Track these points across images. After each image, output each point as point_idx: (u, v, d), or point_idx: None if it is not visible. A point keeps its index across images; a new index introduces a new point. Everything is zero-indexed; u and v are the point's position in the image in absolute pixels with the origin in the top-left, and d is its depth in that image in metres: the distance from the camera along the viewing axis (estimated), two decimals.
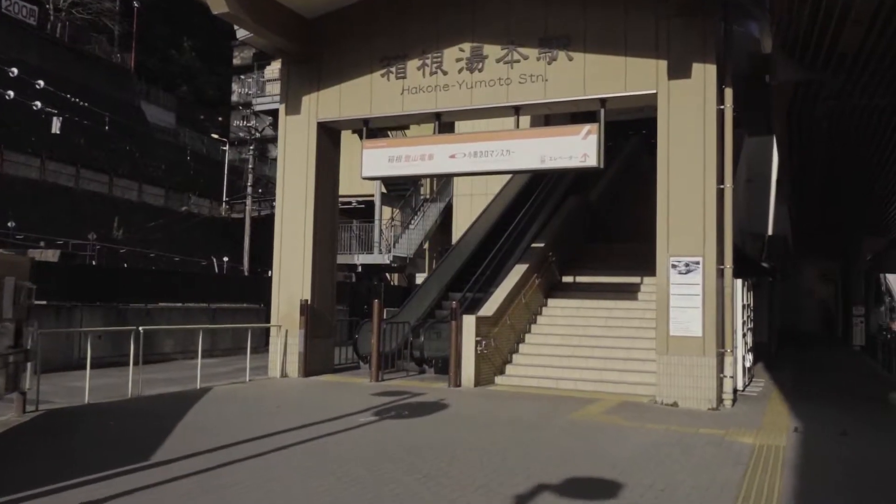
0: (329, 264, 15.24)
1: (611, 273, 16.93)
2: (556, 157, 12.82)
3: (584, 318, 15.50)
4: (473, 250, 20.02)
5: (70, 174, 30.80)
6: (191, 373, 15.83)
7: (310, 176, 14.77)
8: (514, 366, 14.37)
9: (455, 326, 13.23)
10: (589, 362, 13.99)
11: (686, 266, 11.96)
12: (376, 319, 13.91)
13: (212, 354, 19.36)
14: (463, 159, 13.52)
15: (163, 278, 19.33)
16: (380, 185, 27.96)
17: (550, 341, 14.95)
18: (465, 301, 16.79)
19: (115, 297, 17.30)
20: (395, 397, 11.83)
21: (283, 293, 14.82)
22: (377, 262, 26.86)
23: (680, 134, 12.10)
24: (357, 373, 15.31)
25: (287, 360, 14.60)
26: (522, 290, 15.16)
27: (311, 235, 14.65)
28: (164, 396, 11.81)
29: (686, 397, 11.71)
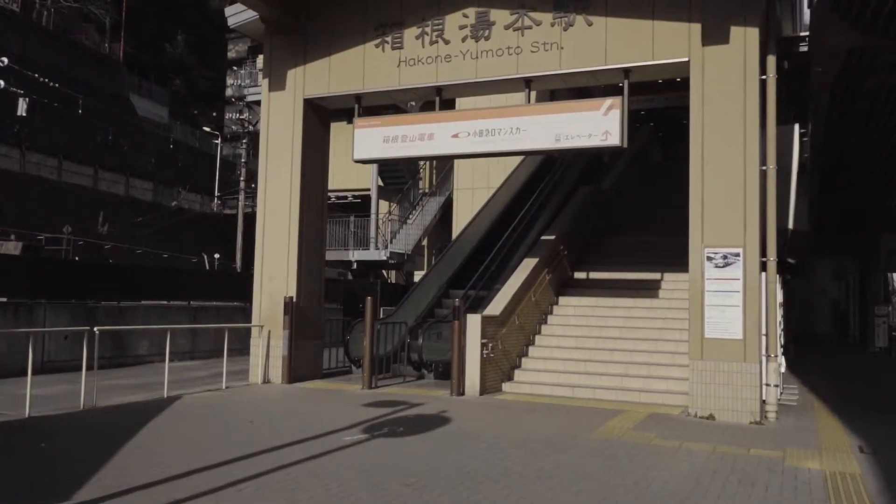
0: (317, 258, 13.56)
1: (627, 268, 15.28)
2: (574, 136, 11.16)
3: (600, 317, 13.83)
4: (475, 245, 18.38)
5: (52, 166, 29.11)
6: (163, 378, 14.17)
7: (295, 158, 13.09)
8: (523, 371, 12.70)
9: (458, 327, 11.56)
10: (608, 368, 12.32)
11: (724, 258, 10.29)
12: (369, 319, 12.23)
13: (192, 356, 17.71)
14: (467, 139, 11.85)
15: (140, 274, 17.65)
16: (376, 177, 26.29)
17: (564, 344, 13.28)
18: (468, 299, 15.11)
19: (84, 293, 15.60)
20: (390, 409, 10.15)
21: (266, 290, 13.14)
22: (373, 258, 25.17)
23: (717, 108, 10.44)
24: (348, 378, 13.63)
25: (270, 364, 12.92)
26: (532, 287, 13.50)
27: (298, 225, 12.98)
28: (122, 408, 10.12)
29: (724, 409, 10.05)
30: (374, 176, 26.14)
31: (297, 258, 12.92)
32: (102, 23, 39.17)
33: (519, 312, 12.85)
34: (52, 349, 14.42)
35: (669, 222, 18.44)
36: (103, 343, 15.69)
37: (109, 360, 15.66)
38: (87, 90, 33.38)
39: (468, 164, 25.44)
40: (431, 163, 29.77)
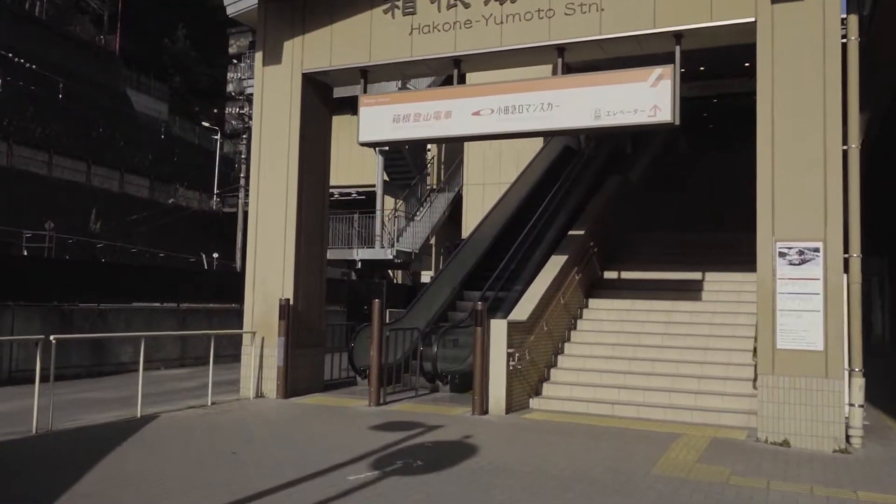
0: (318, 255, 11.84)
1: (664, 267, 13.54)
2: (616, 112, 9.45)
3: (636, 322, 12.09)
4: (491, 243, 16.70)
5: (42, 161, 27.44)
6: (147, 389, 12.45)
7: (293, 140, 11.38)
8: (553, 384, 10.96)
9: (480, 334, 9.82)
10: (651, 381, 10.59)
11: (800, 255, 8.56)
12: (377, 325, 10.50)
13: (182, 363, 16.00)
14: (490, 117, 10.14)
15: (125, 274, 15.93)
16: (382, 172, 24.60)
17: (598, 352, 11.54)
18: (486, 302, 13.42)
19: (62, 295, 13.89)
20: (402, 433, 8.42)
21: (259, 291, 11.43)
22: (379, 257, 23.45)
23: (789, 76, 8.71)
24: (353, 392, 11.91)
25: (263, 375, 11.21)
26: (561, 289, 11.77)
27: (295, 217, 11.26)
28: (84, 432, 8.39)
29: (800, 433, 8.32)
30: (379, 171, 24.45)
31: (295, 255, 11.21)
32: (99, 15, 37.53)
33: (547, 317, 11.12)
34: (21, 357, 12.72)
35: (707, 217, 16.77)
36: (81, 350, 14.07)
37: (88, 370, 14.00)
38: (82, 83, 31.73)
39: (479, 158, 23.78)
40: (439, 157, 28.10)
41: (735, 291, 12.47)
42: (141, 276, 16.31)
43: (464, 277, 15.64)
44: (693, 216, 16.40)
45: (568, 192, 17.03)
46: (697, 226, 15.96)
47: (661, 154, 20.03)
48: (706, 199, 17.79)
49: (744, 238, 14.74)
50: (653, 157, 18.86)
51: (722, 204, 17.39)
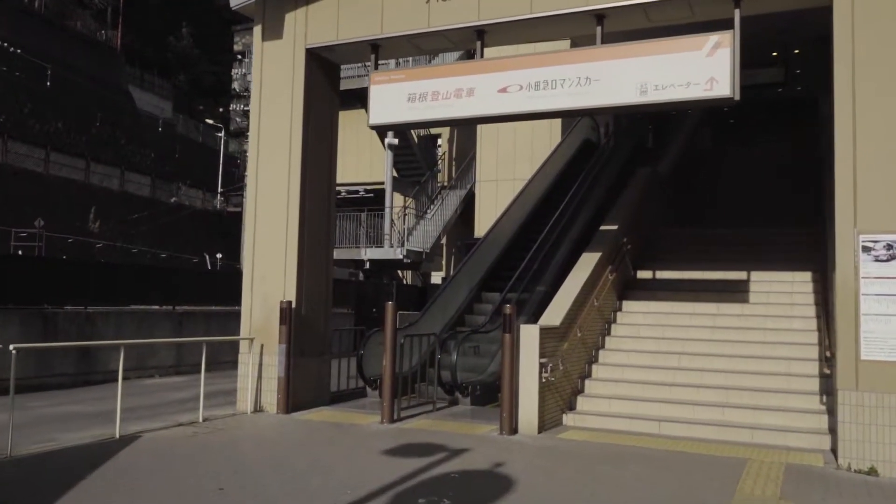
0: (323, 253, 10.53)
1: (702, 266, 12.20)
2: (666, 86, 8.11)
3: (678, 327, 10.74)
4: (509, 241, 15.41)
5: (40, 158, 26.22)
6: (135, 401, 11.18)
7: (296, 125, 10.07)
8: (588, 398, 9.62)
9: (509, 342, 8.49)
10: (700, 394, 9.24)
11: (888, 249, 7.22)
12: (390, 330, 9.16)
13: (178, 371, 14.71)
14: (518, 94, 8.81)
15: (115, 274, 14.63)
16: (391, 169, 23.28)
17: (636, 361, 10.19)
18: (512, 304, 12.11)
19: (45, 296, 12.62)
20: (423, 458, 7.10)
21: (258, 293, 10.12)
22: (388, 257, 22.11)
23: (874, 39, 7.37)
24: (362, 405, 10.60)
25: (262, 387, 9.90)
26: (594, 290, 10.44)
27: (298, 209, 9.95)
28: (47, 459, 7.09)
29: (890, 460, 6.97)
30: (388, 167, 23.14)
31: (298, 252, 9.90)
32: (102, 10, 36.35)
33: (581, 322, 9.79)
34: None
35: (740, 212, 15.44)
36: (65, 357, 12.77)
37: (73, 378, 12.72)
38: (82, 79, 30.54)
39: (492, 154, 22.47)
40: (451, 153, 26.80)
41: (786, 293, 11.12)
42: (134, 277, 15.02)
43: (481, 278, 14.33)
44: (725, 211, 15.09)
45: (591, 187, 15.69)
46: (731, 221, 14.64)
47: (686, 148, 18.66)
48: (737, 193, 16.46)
49: (785, 233, 13.50)
50: (680, 150, 17.46)
51: (755, 198, 16.07)
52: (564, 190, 16.68)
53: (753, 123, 25.18)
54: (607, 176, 16.80)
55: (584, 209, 15.24)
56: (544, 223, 14.88)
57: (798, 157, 18.96)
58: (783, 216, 14.54)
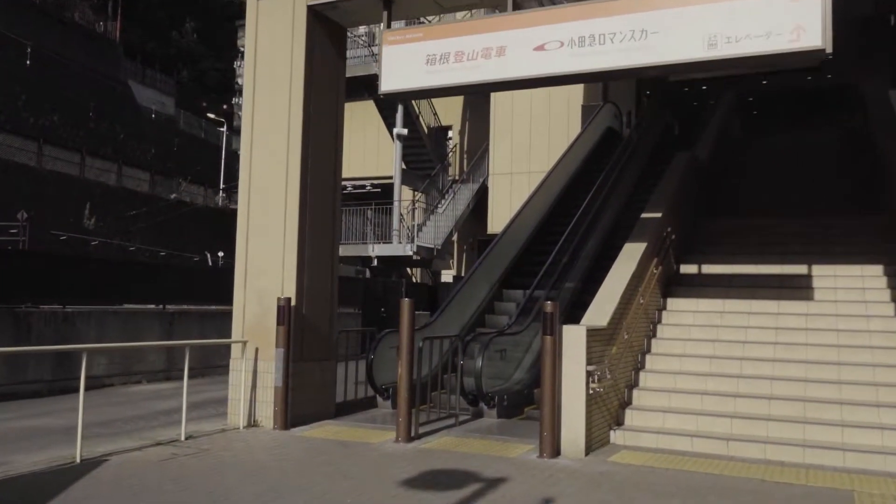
0: (327, 246, 9.05)
1: (753, 259, 10.76)
2: (741, 37, 6.65)
3: (735, 328, 9.24)
4: (531, 234, 13.97)
5: (33, 151, 24.82)
6: (114, 413, 9.77)
7: (295, 97, 8.60)
8: (638, 411, 8.11)
9: (551, 347, 6.98)
10: (774, 408, 7.75)
11: None
12: (407, 333, 7.67)
13: (168, 376, 13.25)
14: (558, 52, 7.34)
15: (98, 270, 13.15)
16: (399, 160, 21.80)
17: (691, 368, 8.70)
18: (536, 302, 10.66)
19: (17, 294, 11.19)
20: (451, 492, 5.63)
21: (252, 289, 8.65)
22: (397, 253, 20.64)
23: None
24: (373, 417, 9.13)
25: (257, 398, 8.43)
26: (640, 285, 8.95)
27: (298, 195, 8.48)
28: None
29: None
30: (396, 158, 21.68)
31: (298, 242, 8.43)
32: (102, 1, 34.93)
33: (626, 323, 8.30)
34: None
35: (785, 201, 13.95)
36: (41, 363, 11.30)
37: (50, 385, 11.30)
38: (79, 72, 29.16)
39: (506, 145, 21.05)
40: (462, 145, 25.33)
41: (857, 289, 9.64)
42: (120, 273, 13.55)
43: (502, 274, 12.87)
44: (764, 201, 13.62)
45: (619, 177, 14.19)
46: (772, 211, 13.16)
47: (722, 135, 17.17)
48: (774, 182, 14.97)
49: (840, 223, 12.00)
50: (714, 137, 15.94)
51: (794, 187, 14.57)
52: (589, 181, 15.24)
53: (780, 113, 23.73)
54: (635, 165, 15.34)
55: (613, 200, 13.78)
56: (569, 215, 13.44)
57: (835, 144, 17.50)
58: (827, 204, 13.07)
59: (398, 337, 7.82)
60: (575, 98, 20.32)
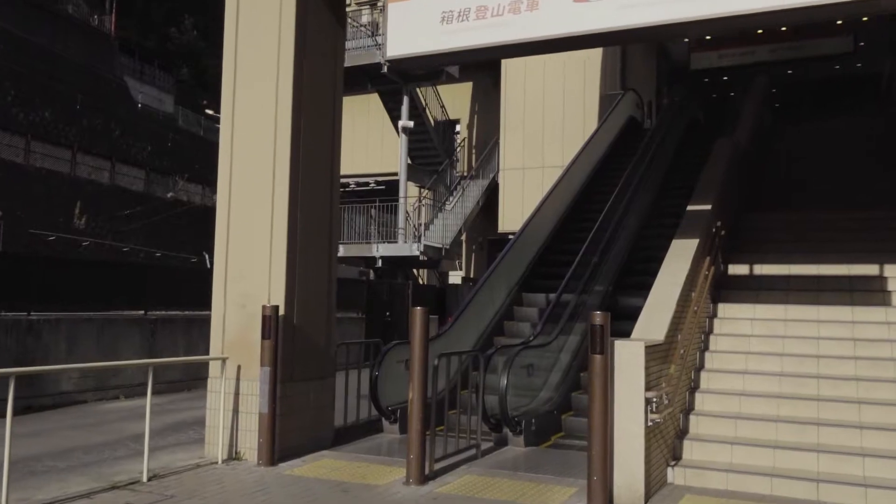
0: (323, 246, 7.60)
1: (812, 258, 9.26)
2: None
3: (802, 340, 7.77)
4: (551, 233, 12.53)
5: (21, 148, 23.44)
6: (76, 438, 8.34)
7: (284, 69, 7.14)
8: (697, 442, 6.63)
9: (601, 367, 5.49)
10: (868, 440, 6.28)
11: None
12: (419, 351, 6.20)
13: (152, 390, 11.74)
14: (603, 4, 5.90)
15: (73, 272, 11.71)
16: (405, 155, 20.34)
17: (756, 387, 7.22)
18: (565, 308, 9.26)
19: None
20: None
21: (234, 297, 7.19)
22: (402, 253, 19.20)
23: None
24: (378, 446, 7.68)
25: (240, 424, 6.98)
26: (693, 291, 7.48)
27: (287, 188, 7.03)
28: None
29: None
30: (402, 152, 20.22)
31: (288, 240, 6.98)
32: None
33: (682, 335, 6.84)
34: None
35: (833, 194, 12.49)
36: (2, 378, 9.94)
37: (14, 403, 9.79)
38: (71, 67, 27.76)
39: (517, 139, 19.62)
40: (470, 140, 23.89)
41: None
42: (99, 276, 12.12)
43: (522, 276, 11.42)
44: (829, 192, 12.14)
45: (648, 170, 12.72)
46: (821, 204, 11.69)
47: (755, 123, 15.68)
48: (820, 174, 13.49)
49: None
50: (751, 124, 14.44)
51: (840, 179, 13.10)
52: (613, 174, 13.83)
53: (807, 102, 22.26)
54: (662, 157, 13.89)
55: (643, 195, 12.34)
56: (594, 210, 12.01)
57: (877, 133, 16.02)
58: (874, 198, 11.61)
59: (408, 350, 6.37)
60: (591, 87, 18.93)
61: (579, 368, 8.98)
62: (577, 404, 8.41)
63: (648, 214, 12.33)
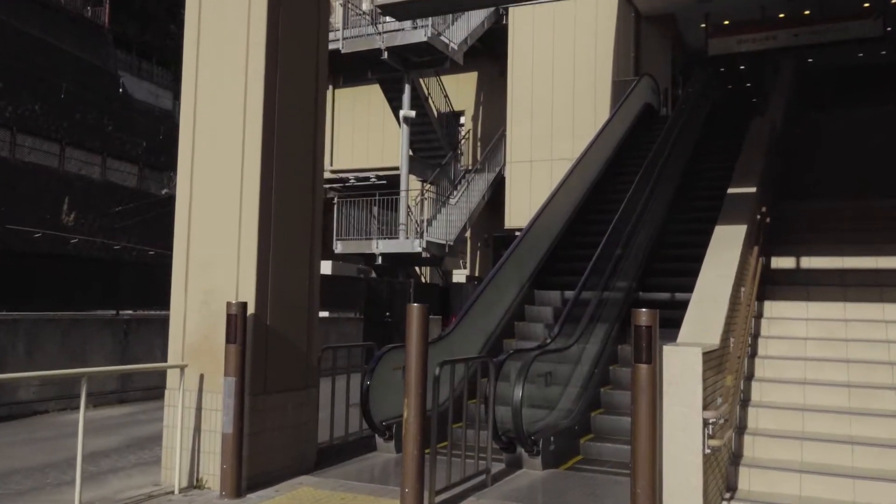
0: (303, 235, 6.37)
1: (872, 250, 8.02)
2: None
3: (870, 344, 6.54)
4: (565, 225, 11.34)
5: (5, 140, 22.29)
6: (25, 457, 7.17)
7: (256, 25, 5.91)
8: (756, 469, 5.38)
9: (647, 381, 4.23)
10: None
11: None
12: (416, 359, 4.97)
13: (123, 399, 10.62)
14: None
15: (38, 268, 10.52)
16: (407, 146, 19.13)
17: (820, 401, 5.99)
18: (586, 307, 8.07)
19: None
20: None
21: (196, 292, 5.97)
22: (404, 250, 17.97)
23: None
24: (370, 468, 6.46)
25: (202, 445, 5.76)
26: (742, 286, 6.25)
27: (259, 163, 5.80)
28: None
29: None
30: (403, 143, 19.01)
31: (259, 225, 5.76)
32: None
33: (735, 339, 5.61)
34: None
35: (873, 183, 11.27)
36: None
37: None
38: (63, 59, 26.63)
39: (525, 130, 18.43)
40: (475, 132, 22.69)
41: None
42: (68, 272, 10.91)
43: (534, 271, 10.21)
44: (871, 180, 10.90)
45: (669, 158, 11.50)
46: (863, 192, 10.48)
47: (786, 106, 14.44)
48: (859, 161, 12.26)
49: None
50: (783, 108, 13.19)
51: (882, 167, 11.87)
52: (631, 162, 12.66)
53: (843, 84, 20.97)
54: (686, 142, 12.69)
55: (665, 182, 11.13)
56: (613, 200, 10.83)
57: None
58: None
59: (404, 355, 5.16)
60: (603, 76, 17.72)
61: (600, 380, 7.77)
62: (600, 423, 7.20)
63: (672, 203, 11.14)
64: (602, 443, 6.85)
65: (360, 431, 7.39)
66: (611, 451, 6.70)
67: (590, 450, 6.87)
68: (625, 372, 7.81)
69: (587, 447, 6.91)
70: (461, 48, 19.27)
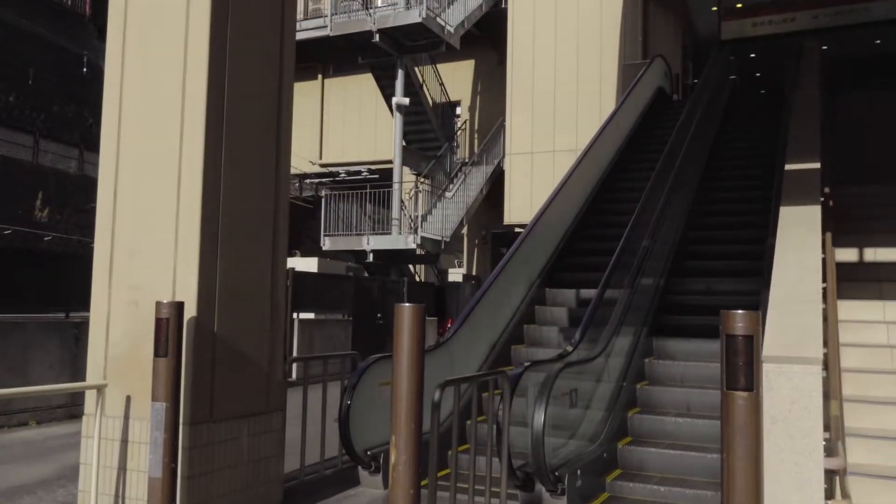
0: (263, 217, 4.97)
1: None
2: None
3: None
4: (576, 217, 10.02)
5: None
6: None
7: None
8: None
9: (748, 414, 2.84)
10: None
11: None
12: (408, 376, 3.58)
13: (73, 413, 9.16)
14: None
15: None
16: (400, 137, 17.76)
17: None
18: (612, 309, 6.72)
19: None
20: None
21: (121, 287, 4.56)
22: (397, 246, 16.57)
23: None
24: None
25: (127, 490, 4.35)
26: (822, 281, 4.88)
27: (203, 128, 4.40)
28: None
29: None
30: (396, 133, 17.63)
31: (202, 203, 4.37)
32: None
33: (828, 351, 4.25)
34: None
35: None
36: None
37: None
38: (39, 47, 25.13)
39: (525, 121, 17.11)
40: (472, 123, 21.34)
41: None
42: (7, 268, 9.44)
43: (544, 268, 8.85)
44: None
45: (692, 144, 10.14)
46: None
47: None
48: None
49: None
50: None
51: None
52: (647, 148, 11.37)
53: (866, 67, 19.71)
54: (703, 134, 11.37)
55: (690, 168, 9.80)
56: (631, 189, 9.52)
57: None
58: None
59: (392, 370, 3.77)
60: (608, 62, 16.45)
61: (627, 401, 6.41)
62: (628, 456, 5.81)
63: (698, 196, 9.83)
64: (633, 482, 5.45)
65: (339, 457, 5.99)
66: (645, 492, 5.33)
67: (619, 488, 5.47)
68: (657, 391, 6.47)
69: (614, 485, 5.51)
70: (458, 31, 17.92)
